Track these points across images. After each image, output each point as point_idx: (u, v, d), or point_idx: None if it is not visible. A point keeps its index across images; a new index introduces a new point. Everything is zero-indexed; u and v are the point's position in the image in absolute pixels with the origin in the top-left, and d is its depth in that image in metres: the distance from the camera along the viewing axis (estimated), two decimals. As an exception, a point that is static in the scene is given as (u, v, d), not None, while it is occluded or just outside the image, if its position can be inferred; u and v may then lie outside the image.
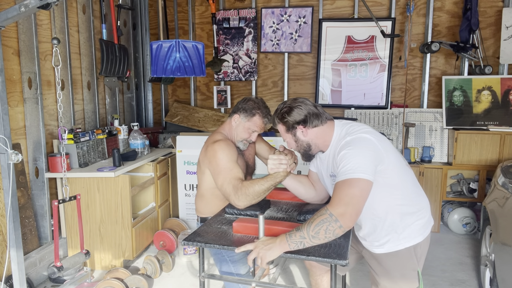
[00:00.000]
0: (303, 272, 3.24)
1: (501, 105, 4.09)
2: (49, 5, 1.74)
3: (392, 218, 1.68)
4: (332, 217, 1.45)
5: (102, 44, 3.70)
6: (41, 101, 3.15)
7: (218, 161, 1.96)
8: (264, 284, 1.83)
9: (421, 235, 1.70)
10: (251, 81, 4.78)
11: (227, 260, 2.03)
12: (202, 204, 2.18)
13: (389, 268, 1.72)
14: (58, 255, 2.55)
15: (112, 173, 3.10)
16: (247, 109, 2.09)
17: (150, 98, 4.99)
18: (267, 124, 2.13)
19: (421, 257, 1.72)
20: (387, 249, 1.69)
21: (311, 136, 1.73)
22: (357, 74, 4.49)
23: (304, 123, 1.71)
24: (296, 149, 1.80)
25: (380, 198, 1.63)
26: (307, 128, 1.71)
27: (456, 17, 4.29)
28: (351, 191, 1.48)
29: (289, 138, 1.77)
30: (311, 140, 1.73)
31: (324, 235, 1.46)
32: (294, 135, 1.74)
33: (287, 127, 1.74)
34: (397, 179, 1.66)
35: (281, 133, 1.80)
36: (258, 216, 1.59)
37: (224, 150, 1.97)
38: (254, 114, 2.08)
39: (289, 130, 1.74)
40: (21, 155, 1.99)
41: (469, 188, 4.09)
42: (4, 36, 2.84)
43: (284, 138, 1.80)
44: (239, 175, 1.93)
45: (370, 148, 1.58)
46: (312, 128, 1.71)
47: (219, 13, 4.68)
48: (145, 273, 3.08)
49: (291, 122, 1.72)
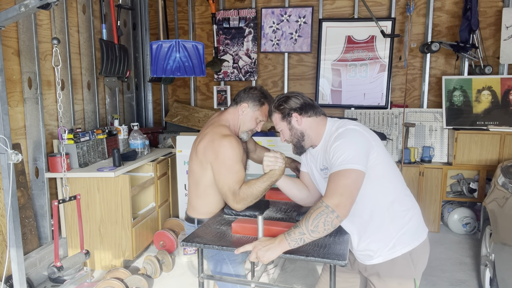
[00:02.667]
0: (303, 272, 3.24)
1: (501, 105, 4.09)
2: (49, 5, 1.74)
3: (380, 217, 1.64)
4: (329, 208, 1.46)
5: (102, 44, 3.70)
6: (41, 101, 3.15)
7: (226, 159, 1.86)
8: (264, 284, 1.83)
9: (416, 240, 1.67)
10: (251, 81, 4.78)
11: (226, 261, 1.99)
12: (202, 203, 2.03)
13: (385, 277, 1.70)
14: (58, 255, 2.55)
15: (112, 173, 3.11)
16: (255, 98, 2.02)
17: (150, 98, 4.99)
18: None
19: (417, 263, 1.68)
20: (383, 258, 1.66)
21: (305, 125, 1.75)
22: (357, 74, 4.49)
23: (300, 110, 1.75)
24: (289, 139, 1.81)
25: (370, 194, 1.62)
26: (302, 116, 1.75)
27: (456, 17, 4.29)
28: (344, 182, 1.50)
29: (284, 127, 1.79)
30: (305, 130, 1.76)
31: (323, 227, 1.47)
32: (289, 123, 1.77)
33: (283, 114, 1.77)
34: (387, 172, 1.66)
35: (276, 122, 1.82)
36: (257, 216, 1.59)
37: (235, 149, 1.88)
38: (263, 103, 2.03)
39: (284, 118, 1.77)
40: (21, 155, 1.99)
41: (469, 188, 4.09)
42: (4, 36, 2.84)
43: (278, 127, 1.82)
44: (242, 178, 1.89)
45: (361, 139, 1.61)
46: (306, 117, 1.75)
47: (219, 13, 4.68)
48: (145, 273, 3.09)
49: (287, 109, 1.75)
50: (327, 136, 1.72)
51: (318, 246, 1.56)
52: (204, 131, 2.02)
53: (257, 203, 1.91)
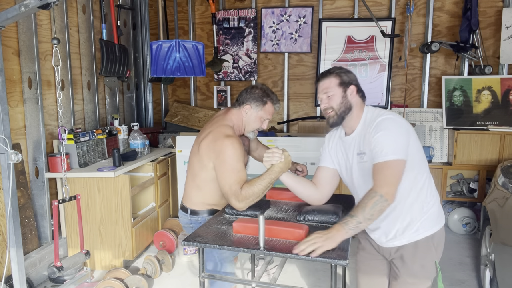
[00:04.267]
0: (303, 272, 3.24)
1: (501, 105, 4.09)
2: (49, 5, 1.74)
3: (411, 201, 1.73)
4: (383, 198, 1.58)
5: (102, 44, 3.70)
6: (41, 101, 3.15)
7: (227, 158, 1.89)
8: (264, 284, 1.83)
9: (438, 225, 1.78)
10: (251, 81, 4.78)
11: (215, 259, 2.02)
12: (198, 195, 2.08)
13: (408, 260, 1.77)
14: (58, 255, 2.55)
15: (112, 173, 3.10)
16: (257, 98, 2.04)
17: (150, 98, 4.99)
18: (278, 110, 2.11)
19: (437, 247, 1.79)
20: (407, 240, 1.75)
21: (355, 101, 1.78)
22: (357, 74, 4.46)
23: (357, 86, 1.80)
24: (337, 107, 1.77)
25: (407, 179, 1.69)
26: (357, 93, 1.79)
27: (456, 17, 4.29)
28: (391, 172, 1.62)
29: (338, 93, 1.77)
30: (354, 105, 1.78)
31: (377, 214, 1.59)
32: (345, 92, 1.77)
33: (342, 81, 1.78)
34: (420, 159, 1.75)
35: (328, 86, 1.79)
36: (258, 216, 1.59)
37: (237, 149, 1.91)
38: (266, 102, 2.05)
39: (342, 85, 1.77)
40: (21, 155, 1.99)
41: (469, 188, 4.09)
42: (4, 36, 2.84)
43: (330, 92, 1.78)
44: (244, 178, 1.90)
45: (402, 129, 1.68)
46: (358, 96, 1.80)
47: (219, 13, 4.68)
48: (145, 273, 3.08)
49: (348, 78, 1.79)
50: (364, 123, 1.76)
51: (319, 246, 1.56)
52: (208, 129, 2.05)
53: (258, 202, 1.91)
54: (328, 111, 1.80)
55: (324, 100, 1.80)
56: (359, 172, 1.78)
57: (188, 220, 2.12)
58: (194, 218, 2.09)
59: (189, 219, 2.11)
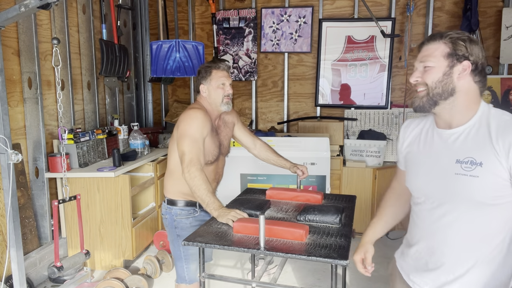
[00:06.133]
0: (303, 272, 3.24)
1: (501, 105, 4.09)
2: (49, 5, 1.74)
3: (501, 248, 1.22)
4: None
5: (102, 44, 3.70)
6: (41, 101, 3.15)
7: (187, 126, 1.94)
8: (264, 284, 1.83)
9: None
10: (251, 81, 4.78)
11: (181, 256, 2.10)
12: (171, 182, 2.11)
13: None
14: (58, 255, 2.55)
15: (112, 173, 3.10)
16: (203, 74, 2.11)
17: (150, 98, 4.98)
18: (229, 69, 2.18)
19: None
20: None
21: (464, 86, 1.24)
22: (357, 74, 4.49)
23: (475, 65, 1.23)
24: (431, 84, 1.25)
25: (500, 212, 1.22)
26: (471, 74, 1.23)
27: (456, 17, 4.29)
28: None
29: (441, 65, 1.23)
30: (459, 90, 1.24)
31: None
32: (451, 68, 1.23)
33: (453, 52, 1.23)
34: None
35: (431, 54, 1.25)
36: (258, 216, 1.59)
37: (198, 119, 1.96)
38: (210, 71, 2.11)
39: (452, 56, 1.23)
40: (21, 155, 1.99)
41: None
42: (4, 36, 2.84)
43: (429, 62, 1.25)
44: (200, 149, 1.92)
45: None
46: (473, 81, 1.24)
47: (219, 13, 4.68)
48: (145, 273, 3.08)
49: (463, 52, 1.22)
50: (480, 120, 1.27)
51: (320, 246, 1.56)
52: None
53: (258, 202, 1.91)
54: (418, 88, 1.28)
55: (417, 71, 1.28)
56: (454, 190, 1.23)
57: (165, 210, 2.14)
58: (169, 209, 2.11)
59: (165, 209, 2.13)
